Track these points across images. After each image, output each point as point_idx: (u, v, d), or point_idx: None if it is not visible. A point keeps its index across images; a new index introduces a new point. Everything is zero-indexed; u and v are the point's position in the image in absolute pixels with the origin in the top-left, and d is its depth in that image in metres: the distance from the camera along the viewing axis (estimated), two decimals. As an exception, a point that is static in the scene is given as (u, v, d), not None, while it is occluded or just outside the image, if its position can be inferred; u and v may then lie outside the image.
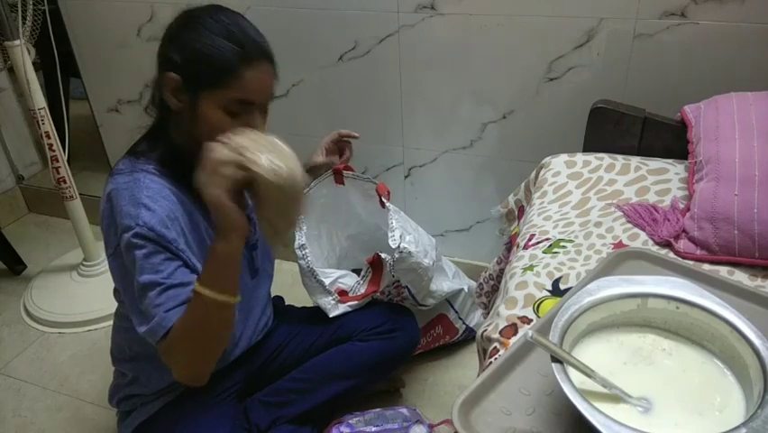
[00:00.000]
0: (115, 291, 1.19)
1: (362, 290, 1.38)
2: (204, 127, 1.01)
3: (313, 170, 1.38)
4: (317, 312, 1.39)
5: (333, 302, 1.37)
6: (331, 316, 1.36)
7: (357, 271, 1.43)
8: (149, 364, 1.18)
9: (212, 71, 1.00)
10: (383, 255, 1.32)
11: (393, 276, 1.34)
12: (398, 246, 1.30)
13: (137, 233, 0.97)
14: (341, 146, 1.41)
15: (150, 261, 0.98)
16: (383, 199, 1.38)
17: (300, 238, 1.36)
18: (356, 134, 1.37)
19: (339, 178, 1.42)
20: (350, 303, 1.37)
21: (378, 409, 1.38)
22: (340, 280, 1.39)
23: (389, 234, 1.33)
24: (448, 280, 1.56)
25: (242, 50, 1.00)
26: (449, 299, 1.59)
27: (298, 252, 1.37)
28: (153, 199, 1.00)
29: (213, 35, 1.00)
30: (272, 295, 1.40)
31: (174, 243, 1.00)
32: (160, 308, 0.98)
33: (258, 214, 0.99)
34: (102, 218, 1.05)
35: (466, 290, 1.61)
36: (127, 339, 1.20)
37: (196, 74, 1.01)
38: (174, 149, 1.07)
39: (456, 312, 1.61)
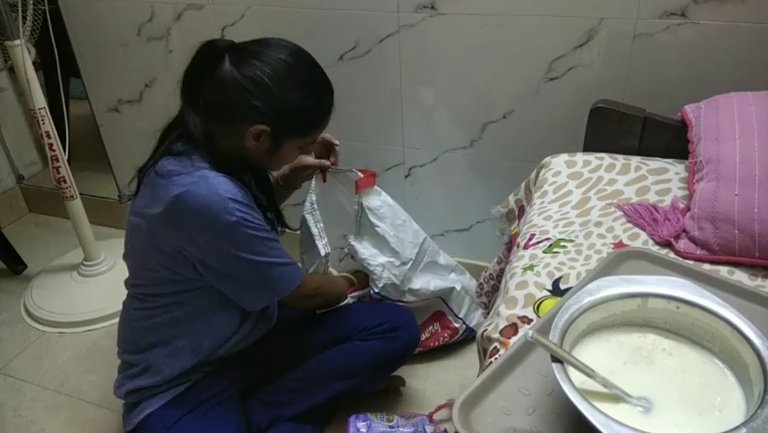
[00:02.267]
0: (128, 283, 1.20)
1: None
2: (278, 163, 1.18)
3: (301, 171, 1.39)
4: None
5: None
6: (318, 312, 1.38)
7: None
8: (162, 352, 1.19)
9: (304, 127, 1.11)
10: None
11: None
12: (347, 245, 1.37)
13: (236, 225, 1.04)
14: (327, 149, 1.42)
15: (261, 235, 1.09)
16: (356, 195, 1.40)
17: (326, 247, 1.40)
18: (338, 142, 1.41)
19: (323, 174, 1.43)
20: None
21: (404, 414, 1.42)
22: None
23: (353, 228, 1.37)
24: (437, 279, 1.57)
25: (327, 100, 1.11)
26: (443, 297, 1.59)
27: (325, 251, 1.41)
28: (233, 193, 1.05)
29: (304, 88, 1.07)
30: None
31: (262, 223, 1.11)
32: (291, 264, 1.17)
33: None
34: (170, 221, 1.07)
35: (458, 288, 1.61)
36: (142, 329, 1.21)
37: (286, 128, 1.08)
38: (224, 153, 1.09)
39: (450, 309, 1.62)
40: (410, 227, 1.51)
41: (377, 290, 1.42)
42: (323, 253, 1.39)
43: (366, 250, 1.38)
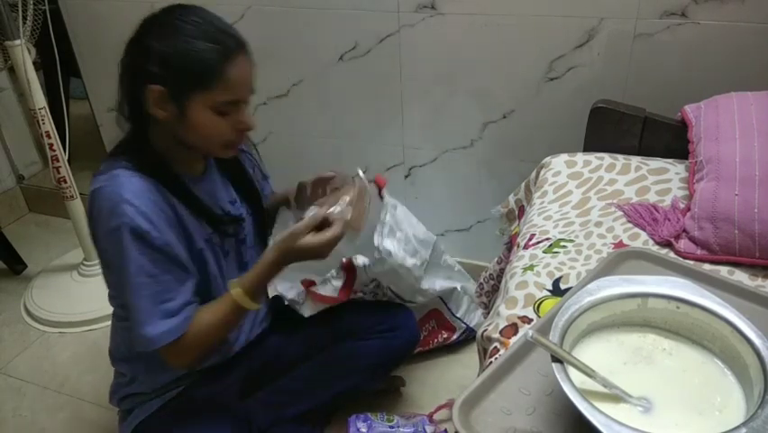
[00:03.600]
0: (110, 296, 1.19)
1: (332, 293, 1.37)
2: (197, 133, 1.03)
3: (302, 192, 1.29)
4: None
5: (301, 297, 1.36)
6: (306, 315, 1.35)
7: None
8: (148, 364, 1.18)
9: (195, 76, 0.98)
10: (357, 261, 1.31)
11: (368, 277, 1.33)
12: (378, 246, 1.30)
13: (123, 231, 0.97)
14: (323, 186, 1.26)
15: (139, 261, 0.99)
16: (382, 193, 1.37)
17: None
18: (332, 173, 1.24)
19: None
20: (322, 304, 1.36)
21: (405, 414, 1.41)
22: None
23: (377, 228, 1.32)
24: (441, 279, 1.57)
25: (221, 46, 0.99)
26: (441, 297, 1.60)
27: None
28: (136, 195, 0.99)
29: (188, 38, 0.98)
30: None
31: (158, 239, 1.00)
32: (167, 321, 1.02)
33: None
34: (88, 219, 1.05)
35: (458, 288, 1.61)
36: (126, 340, 1.20)
37: (179, 82, 0.99)
38: (154, 153, 1.06)
39: (449, 309, 1.62)
40: (421, 228, 1.50)
41: (397, 290, 1.41)
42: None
43: (408, 250, 1.36)
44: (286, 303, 1.38)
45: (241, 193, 1.23)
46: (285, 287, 1.37)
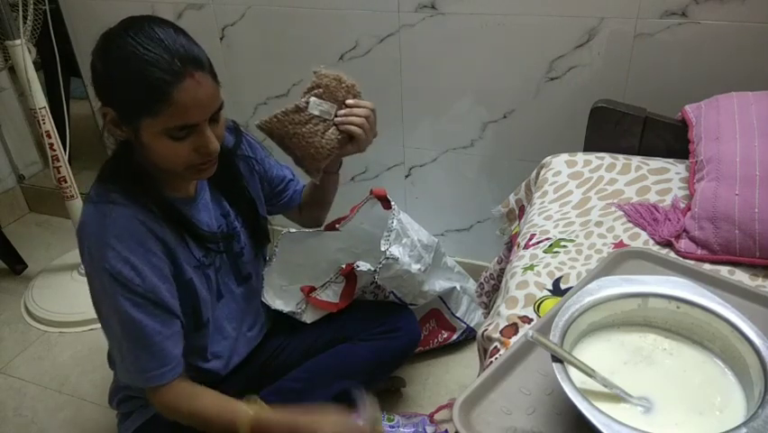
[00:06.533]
0: None
1: (333, 298, 1.37)
2: (156, 156, 0.98)
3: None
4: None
5: (301, 305, 1.37)
6: (308, 322, 1.35)
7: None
8: None
9: (140, 102, 0.91)
10: (359, 267, 1.31)
11: (374, 280, 1.34)
12: (386, 252, 1.30)
13: (105, 275, 0.97)
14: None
15: (121, 305, 0.99)
16: (389, 198, 1.38)
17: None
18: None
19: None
20: (323, 310, 1.36)
21: (405, 413, 1.41)
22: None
23: (384, 234, 1.33)
24: (441, 281, 1.57)
25: (165, 70, 0.89)
26: (441, 297, 1.60)
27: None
28: (120, 237, 0.97)
29: (131, 61, 0.90)
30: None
31: (140, 286, 0.98)
32: (149, 366, 1.02)
33: None
34: (79, 248, 1.04)
35: (458, 288, 1.61)
36: None
37: (125, 105, 0.94)
38: (137, 171, 1.03)
39: (449, 309, 1.62)
40: (424, 233, 1.50)
41: (401, 295, 1.42)
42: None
43: (413, 256, 1.37)
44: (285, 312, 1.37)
45: (235, 206, 1.21)
46: (283, 301, 1.36)
